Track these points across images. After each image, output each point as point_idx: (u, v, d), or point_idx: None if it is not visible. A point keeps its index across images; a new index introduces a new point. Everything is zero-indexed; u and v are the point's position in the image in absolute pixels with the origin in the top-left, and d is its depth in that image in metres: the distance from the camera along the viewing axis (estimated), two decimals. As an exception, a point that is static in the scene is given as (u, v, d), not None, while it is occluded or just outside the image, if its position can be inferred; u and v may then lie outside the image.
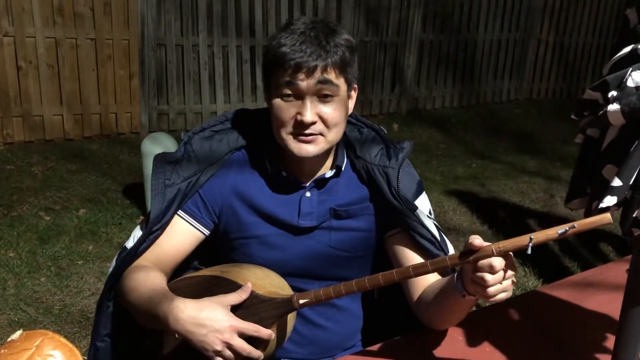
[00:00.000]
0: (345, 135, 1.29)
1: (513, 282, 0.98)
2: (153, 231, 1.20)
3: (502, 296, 0.97)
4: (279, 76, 1.12)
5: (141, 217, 3.61)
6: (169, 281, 1.18)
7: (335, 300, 1.28)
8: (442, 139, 5.95)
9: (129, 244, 1.21)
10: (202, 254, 1.33)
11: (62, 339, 0.82)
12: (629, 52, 0.91)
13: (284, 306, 1.07)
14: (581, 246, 3.54)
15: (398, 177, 1.22)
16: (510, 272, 0.97)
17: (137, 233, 1.21)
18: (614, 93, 0.88)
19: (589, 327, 1.30)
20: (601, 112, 0.90)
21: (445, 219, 3.91)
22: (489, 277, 0.94)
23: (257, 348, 1.02)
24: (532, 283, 3.08)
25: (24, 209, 3.66)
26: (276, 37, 1.14)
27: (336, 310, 1.32)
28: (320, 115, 1.14)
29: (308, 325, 1.30)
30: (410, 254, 1.22)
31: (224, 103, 5.56)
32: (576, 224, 0.88)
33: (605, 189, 0.92)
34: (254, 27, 5.51)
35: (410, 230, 1.21)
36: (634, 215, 0.91)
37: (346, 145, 1.29)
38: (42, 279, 2.91)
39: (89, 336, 2.05)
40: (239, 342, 1.00)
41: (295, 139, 1.16)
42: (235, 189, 1.25)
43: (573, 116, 0.99)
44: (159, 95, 5.30)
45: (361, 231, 1.27)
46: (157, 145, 3.38)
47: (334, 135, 1.17)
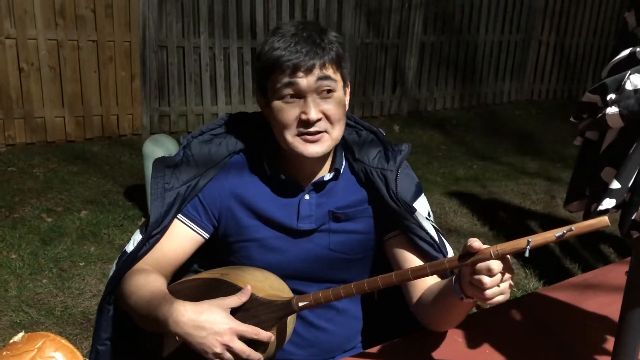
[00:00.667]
0: (343, 137, 1.29)
1: (510, 285, 0.98)
2: (153, 235, 1.20)
3: (500, 299, 0.97)
4: (278, 79, 1.13)
5: (142, 219, 3.62)
6: (169, 284, 1.18)
7: (335, 303, 1.29)
8: (443, 141, 5.95)
9: (129, 247, 1.21)
10: (202, 257, 1.34)
11: (64, 341, 0.83)
12: (628, 55, 0.91)
13: (283, 309, 1.07)
14: (582, 248, 3.54)
15: (396, 180, 1.22)
16: (508, 274, 0.97)
17: (137, 237, 1.22)
18: (612, 96, 0.88)
19: (588, 328, 1.30)
20: (600, 114, 0.91)
21: (446, 221, 3.91)
22: (486, 279, 0.94)
23: (256, 350, 1.03)
24: (533, 285, 3.08)
25: (26, 210, 3.66)
26: (268, 41, 1.15)
27: (336, 312, 1.32)
28: (323, 111, 1.14)
29: (308, 327, 1.30)
30: (409, 256, 1.23)
31: (225, 105, 5.57)
32: (574, 227, 0.88)
33: (604, 191, 0.92)
34: (255, 29, 5.52)
35: (408, 233, 1.21)
36: (632, 218, 0.91)
37: (345, 148, 1.30)
38: (44, 280, 2.91)
39: (90, 338, 2.06)
40: (238, 345, 1.00)
41: (301, 140, 1.16)
42: (234, 192, 1.25)
43: (572, 119, 0.99)
44: (160, 97, 5.31)
45: (360, 234, 1.28)
46: (159, 147, 3.38)
47: (337, 131, 1.18)
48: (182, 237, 1.24)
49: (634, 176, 0.90)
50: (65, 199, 3.90)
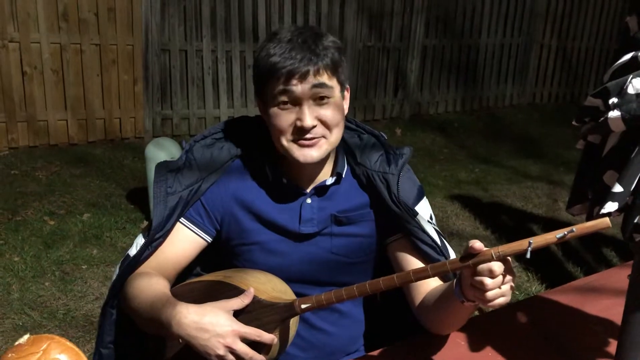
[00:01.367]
0: (345, 141, 1.30)
1: (511, 288, 0.98)
2: (155, 239, 1.20)
3: (501, 301, 0.97)
4: (273, 86, 1.13)
5: (145, 222, 3.63)
6: (171, 287, 1.18)
7: (338, 305, 1.29)
8: (445, 144, 5.96)
9: (132, 251, 1.22)
10: (205, 260, 1.34)
11: (69, 343, 0.83)
12: (630, 59, 0.92)
13: (285, 311, 1.08)
14: (584, 251, 3.54)
15: (398, 184, 1.22)
16: (509, 277, 0.97)
17: (140, 241, 1.22)
18: (614, 100, 0.89)
19: (591, 332, 1.30)
20: (602, 118, 0.91)
21: (448, 224, 3.91)
22: (488, 281, 0.94)
23: (259, 352, 1.03)
24: (535, 288, 3.08)
25: (29, 213, 3.67)
26: (264, 47, 1.15)
27: (339, 315, 1.32)
28: (320, 118, 1.15)
29: (311, 329, 1.30)
30: (411, 259, 1.23)
31: (227, 108, 5.58)
32: (575, 228, 0.89)
33: (607, 195, 0.93)
34: (258, 33, 5.53)
35: (410, 236, 1.21)
36: (635, 221, 0.92)
37: (346, 152, 1.30)
38: (47, 283, 2.92)
39: (93, 340, 2.07)
40: (241, 347, 1.00)
41: (297, 145, 1.16)
42: (237, 196, 1.26)
43: (574, 122, 1.00)
44: (162, 100, 5.32)
45: (362, 237, 1.28)
46: (161, 150, 3.39)
47: (335, 136, 1.19)
48: (184, 241, 1.24)
49: (636, 179, 0.90)
50: (67, 201, 3.91)
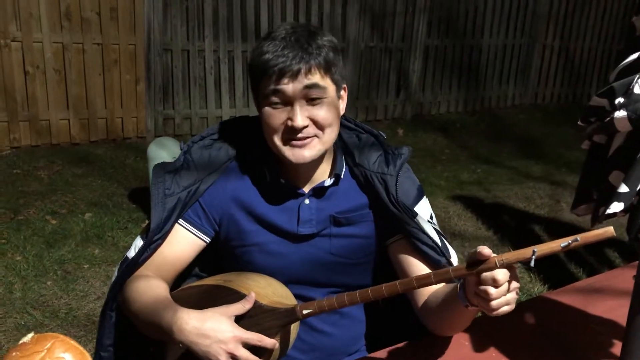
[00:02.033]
0: (343, 141, 1.29)
1: (517, 294, 0.97)
2: (154, 241, 1.20)
3: (505, 309, 0.95)
4: (265, 84, 1.13)
5: (146, 222, 3.62)
6: (171, 289, 1.18)
7: (339, 307, 1.28)
8: (447, 144, 5.95)
9: (130, 253, 1.21)
10: (204, 261, 1.34)
11: (73, 342, 0.83)
12: (636, 59, 0.92)
13: (287, 316, 1.07)
14: (587, 252, 3.53)
15: (396, 184, 1.22)
16: (515, 284, 0.96)
17: (138, 243, 1.22)
18: (620, 100, 0.88)
19: (595, 333, 1.30)
20: (608, 118, 0.91)
21: (450, 225, 3.91)
22: (492, 290, 0.93)
23: (260, 357, 1.02)
24: (538, 289, 3.08)
25: (31, 212, 3.67)
26: (259, 46, 1.15)
27: (340, 316, 1.32)
28: (312, 118, 1.14)
29: (312, 331, 1.30)
30: (412, 260, 1.22)
31: (229, 108, 5.58)
32: (579, 237, 0.88)
33: (612, 195, 0.92)
34: (260, 33, 5.53)
35: (410, 237, 1.21)
36: (640, 222, 0.91)
37: (345, 152, 1.29)
38: (49, 282, 2.92)
39: (94, 340, 2.06)
40: (243, 352, 1.00)
41: (289, 145, 1.16)
42: (235, 197, 1.25)
43: (579, 122, 1.00)
44: (164, 100, 5.32)
45: (361, 238, 1.27)
46: (163, 150, 3.39)
47: (328, 135, 1.17)
48: (183, 242, 1.24)
49: (642, 180, 0.90)
50: (69, 201, 3.91)
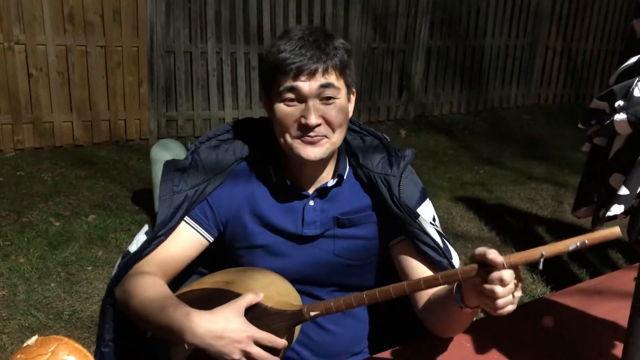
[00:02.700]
0: (347, 143, 1.30)
1: (520, 293, 0.98)
2: (158, 236, 1.21)
3: (509, 309, 0.97)
4: (281, 81, 1.14)
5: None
6: (171, 288, 1.17)
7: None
8: (450, 145, 5.95)
9: (132, 248, 1.22)
10: (207, 259, 1.34)
11: (77, 345, 0.84)
12: (636, 62, 0.92)
13: (294, 318, 1.08)
14: (589, 253, 3.52)
15: (399, 186, 1.22)
16: (519, 284, 0.97)
17: (141, 237, 1.23)
18: (620, 103, 0.89)
19: (596, 334, 1.30)
20: (608, 121, 0.91)
21: (453, 226, 3.91)
22: (499, 289, 0.94)
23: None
24: (540, 290, 3.07)
25: (34, 214, 3.69)
26: (275, 44, 1.16)
27: (343, 315, 1.32)
28: (324, 117, 1.15)
29: (316, 329, 1.30)
30: (414, 262, 1.23)
31: (232, 109, 5.59)
32: (587, 239, 0.88)
33: (613, 198, 0.93)
34: (262, 34, 5.54)
35: (412, 238, 1.21)
36: (641, 224, 0.92)
37: (349, 153, 1.30)
38: (52, 284, 2.93)
39: (98, 341, 2.07)
40: (256, 350, 1.01)
41: (300, 141, 1.17)
42: (243, 199, 1.26)
43: (580, 125, 1.00)
44: (167, 102, 5.33)
45: (365, 239, 1.28)
46: (166, 152, 3.40)
47: (337, 137, 1.19)
48: (187, 239, 1.25)
49: (642, 182, 0.90)
50: (73, 203, 3.92)
